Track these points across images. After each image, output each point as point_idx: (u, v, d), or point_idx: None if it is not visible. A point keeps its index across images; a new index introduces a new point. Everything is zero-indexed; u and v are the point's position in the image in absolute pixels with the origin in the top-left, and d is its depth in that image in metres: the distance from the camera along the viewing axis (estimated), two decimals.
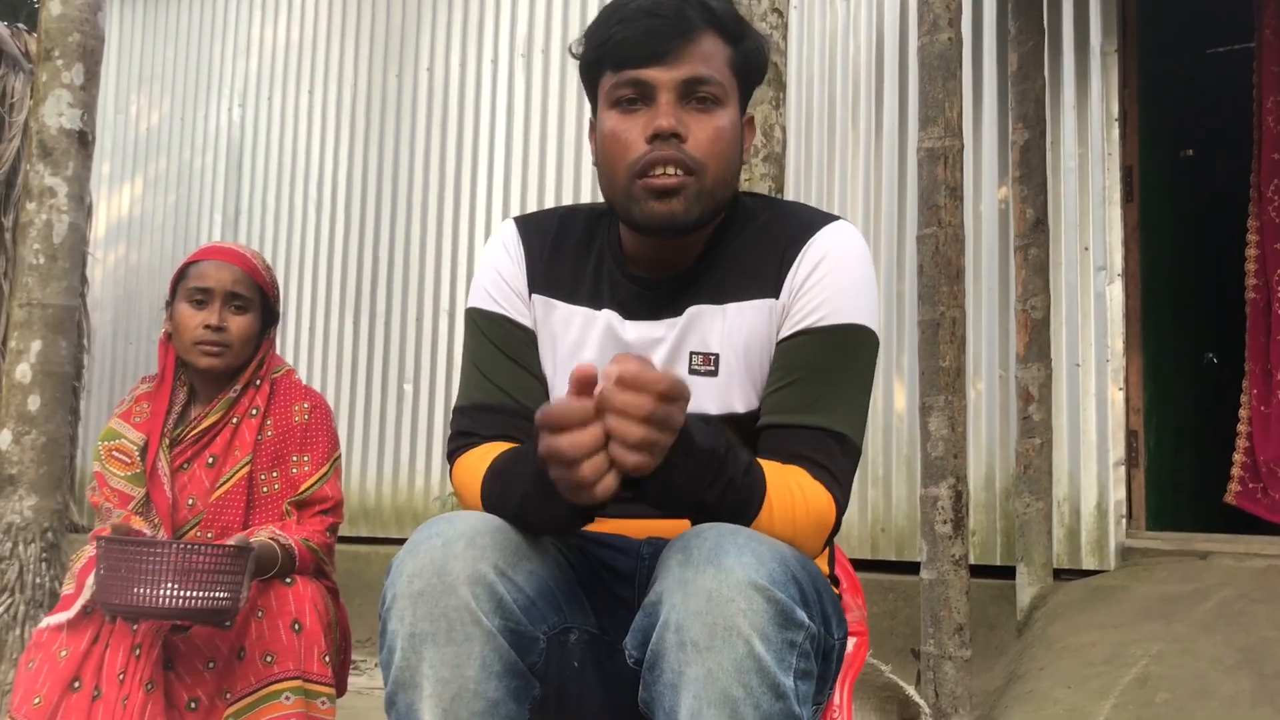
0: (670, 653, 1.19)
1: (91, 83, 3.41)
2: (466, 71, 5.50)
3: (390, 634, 1.27)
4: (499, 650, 1.25)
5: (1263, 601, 3.30)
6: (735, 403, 1.44)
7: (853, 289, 1.42)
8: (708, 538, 1.23)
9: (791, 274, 1.43)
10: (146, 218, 6.39)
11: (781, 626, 1.19)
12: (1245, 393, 4.32)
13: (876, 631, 3.96)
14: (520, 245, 1.52)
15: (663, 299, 1.46)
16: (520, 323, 1.50)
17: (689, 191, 1.37)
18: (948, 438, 2.81)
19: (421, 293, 5.48)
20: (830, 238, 1.44)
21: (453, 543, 1.27)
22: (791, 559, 1.26)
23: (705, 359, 1.44)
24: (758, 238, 1.46)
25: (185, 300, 2.23)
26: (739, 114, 1.44)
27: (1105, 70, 4.15)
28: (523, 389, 1.47)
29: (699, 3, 1.39)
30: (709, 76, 1.38)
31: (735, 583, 1.18)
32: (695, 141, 1.37)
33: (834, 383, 1.40)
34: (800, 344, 1.41)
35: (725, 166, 1.40)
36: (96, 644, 2.04)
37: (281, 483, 2.24)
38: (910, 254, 4.08)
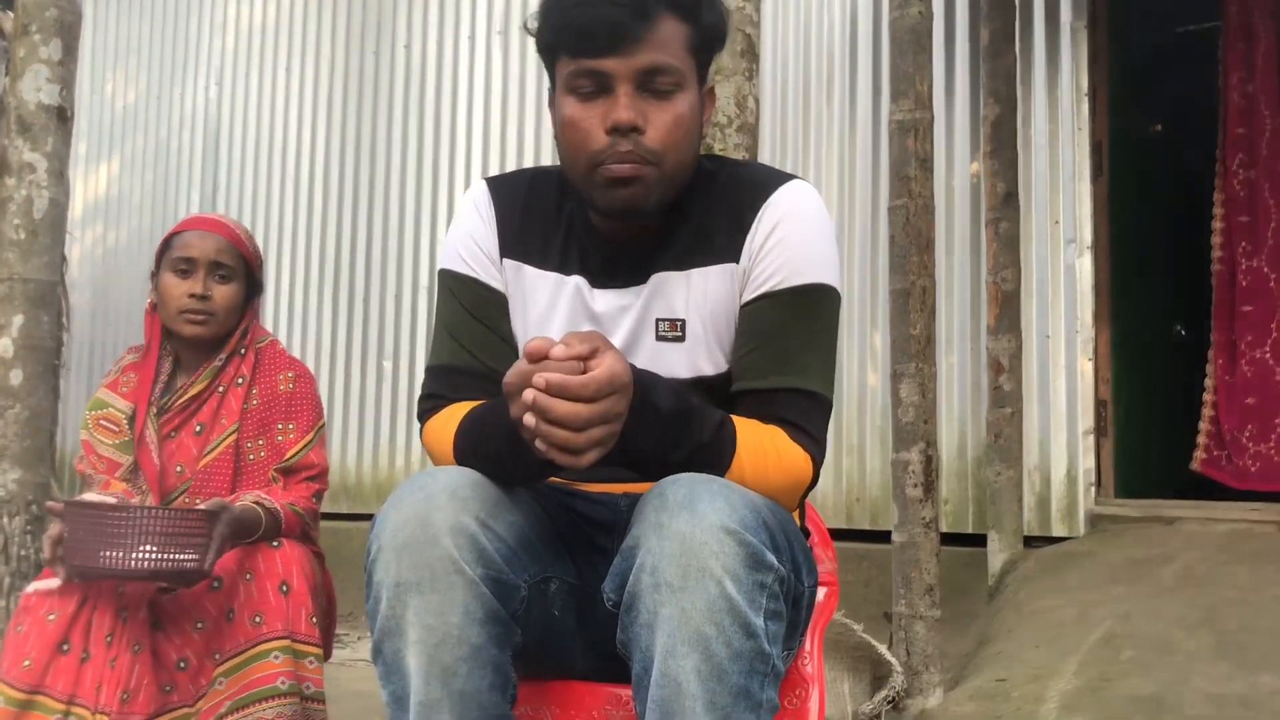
0: (646, 594, 1.24)
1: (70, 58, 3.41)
2: (444, 49, 5.52)
3: (376, 584, 1.32)
4: (481, 598, 1.29)
5: (1225, 564, 3.39)
6: (704, 366, 1.47)
7: (811, 248, 1.45)
8: (682, 485, 1.28)
9: (750, 238, 1.45)
10: (124, 197, 6.38)
11: (752, 568, 1.24)
12: (1211, 362, 4.40)
13: (851, 599, 4.04)
14: (492, 207, 1.54)
15: (628, 267, 1.48)
16: (491, 286, 1.52)
17: (649, 180, 1.39)
18: (918, 404, 2.87)
19: (400, 270, 5.50)
20: (786, 199, 1.46)
21: (435, 495, 1.31)
22: (763, 507, 1.32)
23: (672, 325, 1.47)
24: (716, 202, 1.48)
25: (170, 270, 2.26)
26: (698, 92, 1.45)
27: (1075, 46, 4.21)
28: (492, 352, 1.49)
29: None
30: (667, 65, 1.37)
31: (708, 526, 1.22)
32: (654, 132, 1.38)
33: (800, 342, 1.43)
34: (763, 307, 1.44)
35: (685, 151, 1.41)
36: (84, 607, 2.08)
37: (268, 450, 2.28)
38: (884, 225, 4.14)
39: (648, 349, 1.48)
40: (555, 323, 1.49)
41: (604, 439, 1.23)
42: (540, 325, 1.49)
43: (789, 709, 1.49)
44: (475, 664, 1.29)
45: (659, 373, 1.39)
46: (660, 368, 1.43)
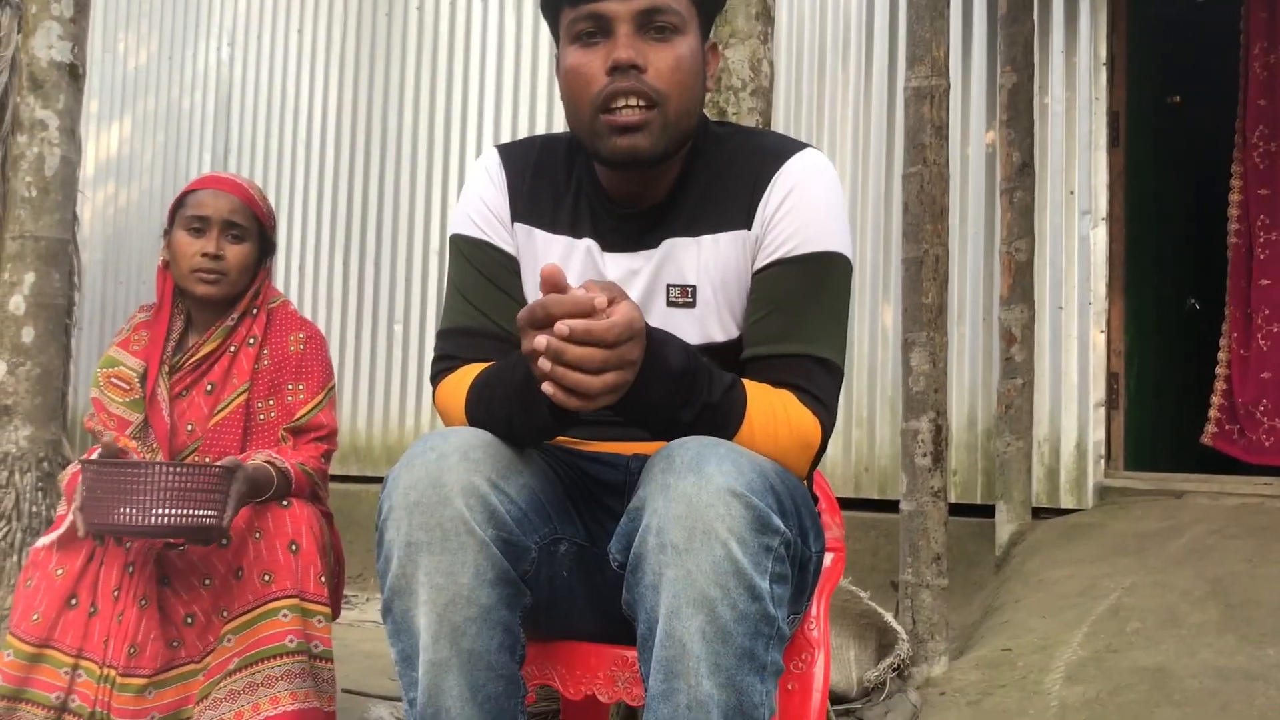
0: (651, 555, 1.25)
1: (81, 15, 3.41)
2: (456, 9, 5.48)
3: (387, 543, 1.32)
4: (491, 559, 1.30)
5: (1234, 537, 3.39)
6: (714, 332, 1.48)
7: (823, 217, 1.45)
8: (690, 448, 1.28)
9: (762, 205, 1.45)
10: (135, 157, 6.37)
11: (758, 531, 1.24)
12: (1225, 336, 4.38)
13: (858, 567, 4.05)
14: (503, 173, 1.54)
15: (639, 231, 1.49)
16: (503, 249, 1.53)
17: (653, 125, 1.39)
18: (929, 373, 2.86)
19: (411, 232, 5.50)
20: (798, 167, 1.46)
21: (447, 456, 1.32)
22: (770, 471, 1.32)
23: (683, 290, 1.48)
24: (728, 169, 1.48)
25: (183, 228, 2.26)
26: (700, 42, 1.45)
27: (1094, 14, 4.16)
28: (504, 314, 1.49)
29: None
30: (666, 5, 1.39)
31: (714, 489, 1.23)
32: (655, 72, 1.39)
33: (812, 309, 1.44)
34: (776, 274, 1.44)
35: (687, 96, 1.42)
36: (92, 562, 2.10)
37: (278, 410, 2.29)
38: (898, 193, 4.11)
39: (658, 314, 1.48)
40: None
41: (617, 385, 1.23)
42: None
43: (794, 673, 1.50)
44: (484, 624, 1.30)
45: None
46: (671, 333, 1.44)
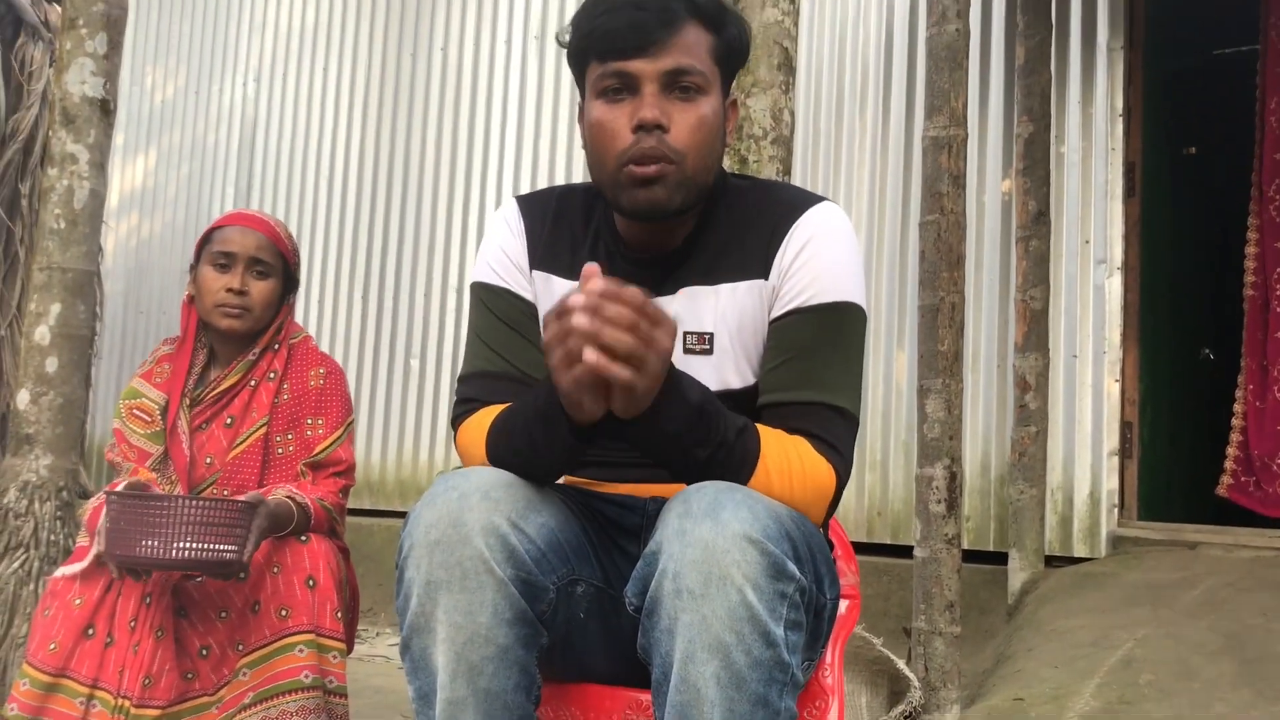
0: (667, 599, 1.25)
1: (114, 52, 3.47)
2: (480, 52, 5.56)
3: (407, 581, 1.34)
4: (510, 598, 1.31)
5: (1249, 590, 3.37)
6: (731, 379, 1.50)
7: (839, 268, 1.47)
8: (707, 493, 1.29)
9: (779, 255, 1.48)
10: (159, 189, 6.45)
11: (773, 578, 1.25)
12: (1240, 388, 4.38)
13: (871, 613, 4.04)
14: (522, 222, 1.57)
15: (656, 278, 1.50)
16: (522, 296, 1.55)
17: (670, 179, 1.42)
18: (944, 420, 2.87)
19: (430, 269, 5.54)
20: (815, 219, 1.49)
21: (468, 495, 1.33)
22: (787, 517, 1.32)
23: (700, 338, 1.49)
24: (746, 219, 1.51)
25: (209, 264, 2.30)
26: (721, 100, 1.49)
27: (1111, 66, 4.20)
28: (524, 358, 1.52)
29: None
30: (691, 67, 1.42)
31: (731, 535, 1.24)
32: (677, 131, 1.42)
33: (827, 358, 1.46)
34: (792, 323, 1.46)
35: (706, 153, 1.45)
36: (109, 592, 2.11)
37: (296, 444, 2.31)
38: (914, 240, 4.14)
39: (675, 361, 1.49)
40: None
41: (648, 361, 1.24)
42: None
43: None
44: (501, 664, 1.31)
45: None
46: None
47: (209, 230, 2.35)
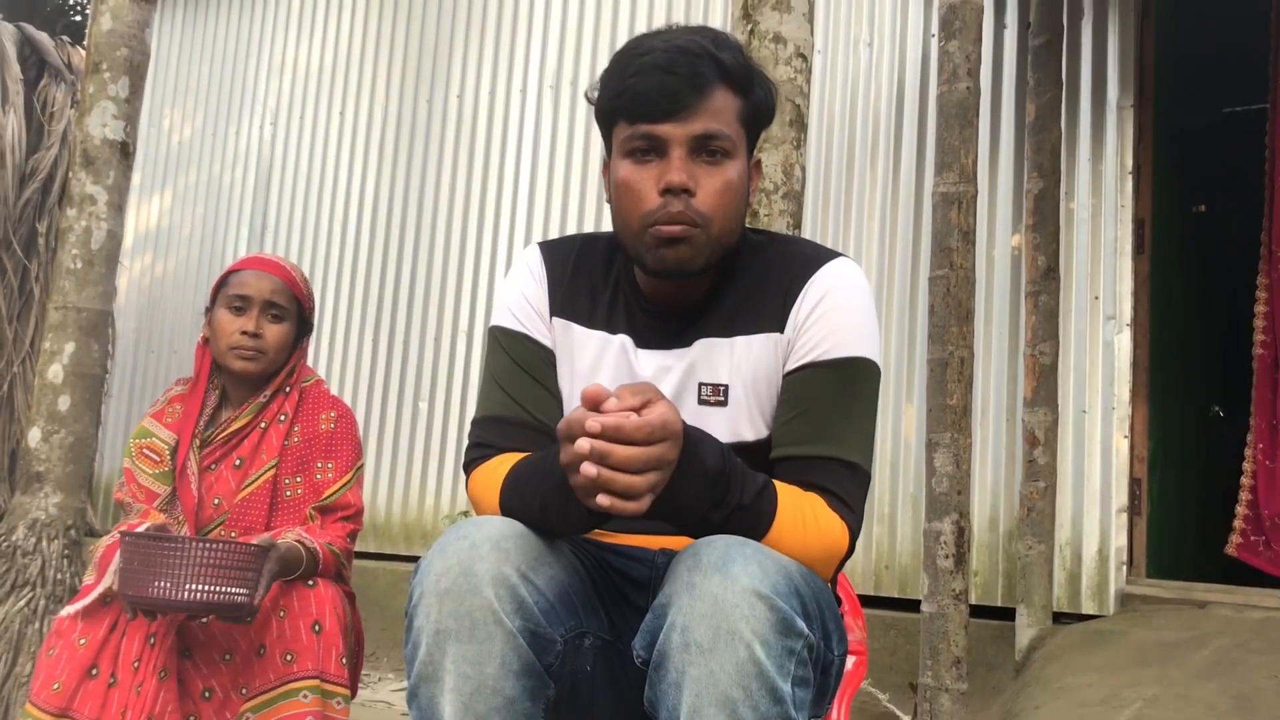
0: (675, 653, 1.25)
1: (135, 96, 3.53)
2: (495, 100, 5.62)
3: (416, 630, 1.34)
4: (518, 650, 1.31)
5: (1259, 652, 3.34)
6: (745, 431, 1.51)
7: (854, 323, 1.49)
8: (717, 546, 1.29)
9: (795, 310, 1.49)
10: (174, 229, 6.51)
11: (782, 634, 1.25)
12: (1249, 446, 4.36)
13: (877, 667, 4.01)
14: (544, 269, 1.59)
15: (674, 330, 1.53)
16: (540, 342, 1.56)
17: (696, 241, 1.44)
18: (952, 474, 2.87)
19: (441, 313, 5.57)
20: (831, 274, 1.51)
21: (479, 545, 1.34)
22: (796, 573, 1.33)
23: (715, 390, 1.51)
24: (763, 274, 1.53)
25: (225, 306, 2.32)
26: (747, 161, 1.50)
27: (1121, 124, 4.24)
28: (540, 405, 1.54)
29: (712, 58, 1.44)
30: (719, 132, 1.44)
31: (740, 590, 1.24)
32: (704, 195, 1.44)
33: (841, 413, 1.47)
34: (806, 377, 1.48)
35: (731, 215, 1.47)
36: (114, 632, 2.12)
37: (305, 488, 2.32)
38: (923, 295, 4.16)
39: (690, 412, 1.51)
40: (600, 379, 1.53)
41: (656, 485, 1.26)
42: (587, 378, 1.53)
43: None
44: (508, 715, 1.31)
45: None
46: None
47: (225, 274, 2.38)
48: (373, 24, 6.03)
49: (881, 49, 4.72)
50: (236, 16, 6.52)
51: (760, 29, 2.34)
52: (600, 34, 5.40)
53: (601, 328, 1.56)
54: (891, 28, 4.71)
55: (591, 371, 1.54)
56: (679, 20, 5.19)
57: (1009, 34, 4.45)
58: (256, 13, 6.45)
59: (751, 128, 1.51)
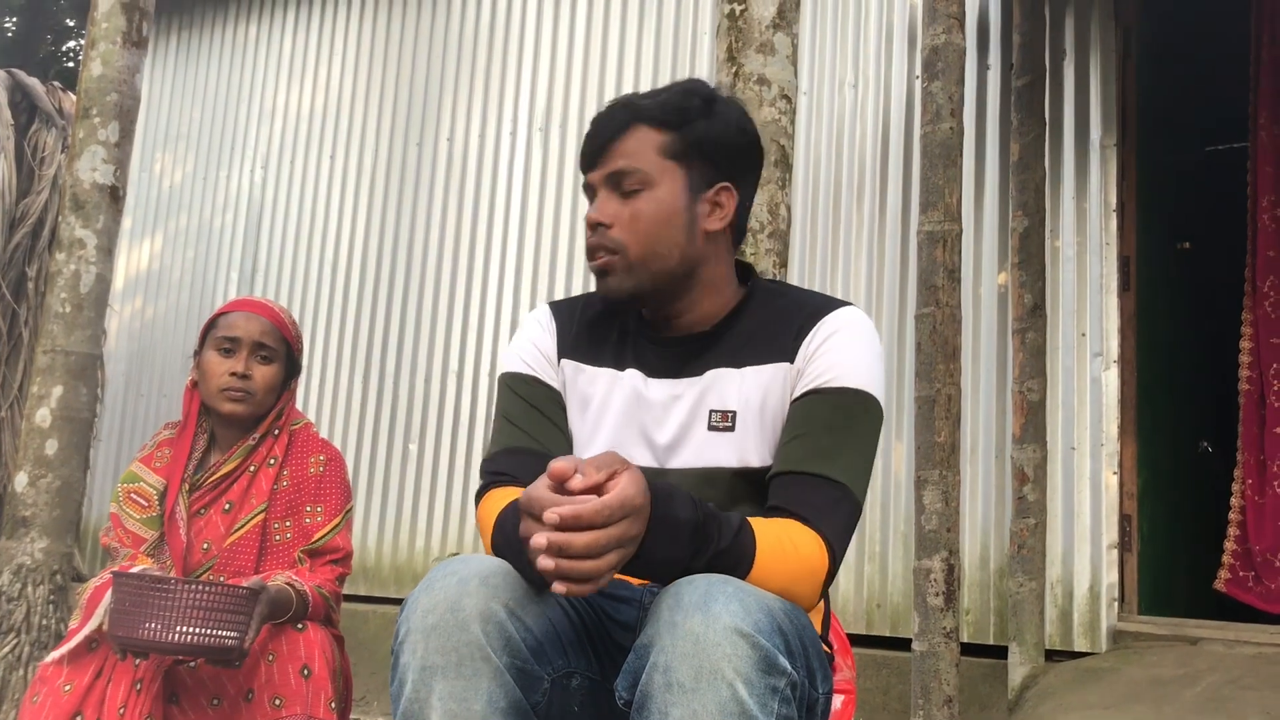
0: (658, 693, 1.25)
1: (126, 140, 3.55)
2: (485, 142, 5.66)
3: (402, 666, 1.34)
4: (505, 687, 1.31)
5: (1252, 688, 3.34)
6: (751, 458, 1.53)
7: (860, 360, 1.54)
8: (698, 585, 1.30)
9: (806, 343, 1.55)
10: (164, 273, 6.52)
11: (764, 672, 1.25)
12: (1238, 481, 4.37)
13: (869, 706, 3.99)
14: (553, 321, 1.68)
15: (684, 360, 1.59)
16: (549, 384, 1.63)
17: (616, 268, 1.55)
18: (941, 511, 2.87)
19: (431, 355, 5.57)
20: (844, 316, 1.58)
21: (467, 580, 1.34)
22: (779, 611, 1.33)
23: (723, 416, 1.55)
24: (775, 315, 1.60)
25: (213, 348, 2.32)
26: (681, 190, 1.56)
27: (1104, 163, 4.28)
28: (547, 435, 1.59)
29: (628, 105, 1.59)
30: (630, 168, 1.56)
31: (722, 628, 1.24)
32: (619, 226, 1.55)
33: (837, 438, 1.50)
34: (809, 402, 1.52)
35: (651, 240, 1.55)
36: (99, 679, 2.10)
37: (294, 532, 2.31)
38: (910, 332, 4.18)
39: (699, 437, 1.55)
40: (611, 413, 1.58)
41: (617, 564, 1.26)
42: (598, 414, 1.59)
43: None
44: None
45: (708, 462, 1.52)
46: (709, 457, 1.53)
47: (214, 317, 2.38)
48: (362, 69, 6.08)
49: (866, 90, 4.77)
50: (227, 62, 6.57)
51: (745, 71, 2.37)
52: (589, 75, 5.45)
53: (610, 365, 1.62)
54: (876, 69, 4.76)
55: (602, 407, 1.60)
56: (666, 61, 5.25)
57: (992, 74, 4.50)
58: (247, 58, 6.50)
59: (690, 158, 1.57)
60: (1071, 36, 4.38)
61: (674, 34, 5.27)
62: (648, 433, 1.58)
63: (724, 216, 1.60)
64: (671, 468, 1.55)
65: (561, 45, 5.56)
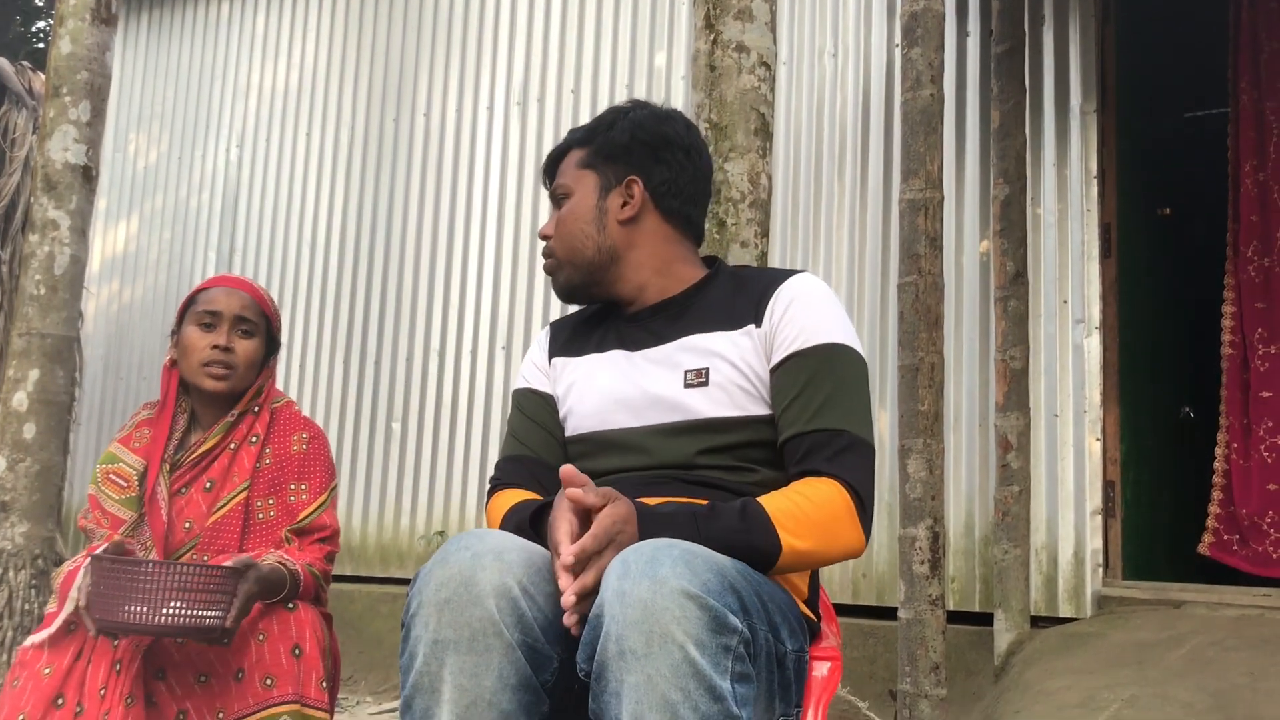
0: (612, 662, 1.26)
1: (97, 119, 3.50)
2: (463, 118, 5.61)
3: (413, 639, 1.35)
4: (516, 664, 1.32)
5: (1235, 649, 3.36)
6: (725, 409, 1.63)
7: (825, 316, 1.66)
8: (644, 551, 1.31)
9: (770, 309, 1.67)
10: (141, 254, 6.46)
11: (715, 632, 1.26)
12: (1221, 446, 4.40)
13: (856, 675, 4.00)
14: (548, 335, 1.87)
15: (657, 331, 1.73)
16: (541, 391, 1.82)
17: (555, 269, 1.81)
18: (926, 480, 2.87)
19: (412, 333, 5.55)
20: (798, 281, 1.71)
21: (481, 555, 1.36)
22: (730, 570, 1.35)
23: (698, 374, 1.65)
24: (736, 287, 1.75)
25: (194, 324, 2.30)
26: (591, 191, 1.79)
27: (1085, 129, 4.27)
28: (542, 444, 1.77)
29: (566, 138, 1.85)
30: (560, 185, 1.82)
31: (669, 592, 1.26)
32: (555, 234, 1.81)
33: (828, 391, 1.59)
34: (790, 366, 1.62)
35: (569, 238, 1.79)
36: (79, 660, 2.08)
37: (278, 510, 2.29)
38: (893, 301, 4.17)
39: (675, 394, 1.65)
40: (595, 384, 1.73)
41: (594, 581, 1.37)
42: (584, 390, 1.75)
43: None
44: None
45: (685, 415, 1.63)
46: (688, 410, 1.62)
47: (193, 293, 2.36)
48: (337, 45, 6.02)
49: (846, 59, 4.75)
50: (200, 40, 6.49)
51: (723, 38, 2.35)
52: (566, 49, 5.41)
53: (593, 351, 1.79)
54: (855, 37, 4.74)
55: (588, 383, 1.75)
56: (644, 32, 5.21)
57: (971, 41, 4.48)
58: (220, 36, 6.43)
59: (602, 161, 1.80)
60: (1050, 2, 4.36)
61: (652, 3, 5.23)
62: (628, 397, 1.69)
63: (635, 205, 1.77)
64: (653, 424, 1.65)
65: (538, 19, 5.51)
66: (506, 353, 5.31)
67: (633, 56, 5.22)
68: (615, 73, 5.24)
